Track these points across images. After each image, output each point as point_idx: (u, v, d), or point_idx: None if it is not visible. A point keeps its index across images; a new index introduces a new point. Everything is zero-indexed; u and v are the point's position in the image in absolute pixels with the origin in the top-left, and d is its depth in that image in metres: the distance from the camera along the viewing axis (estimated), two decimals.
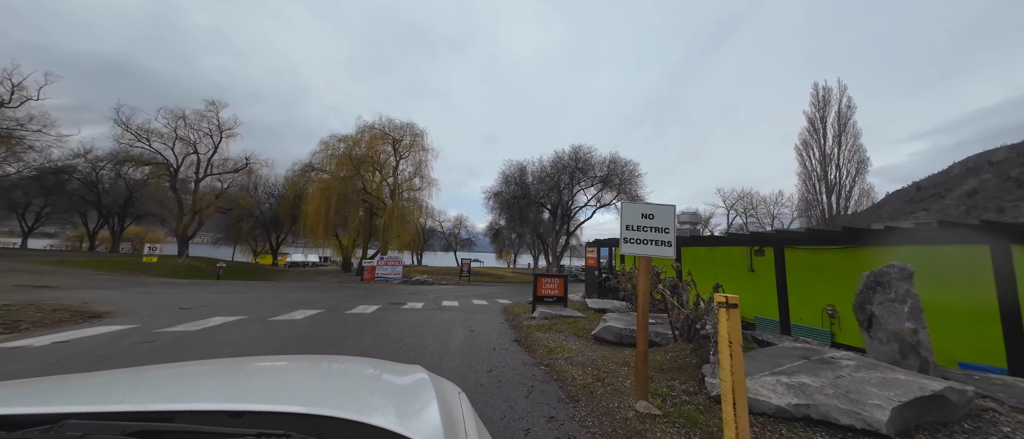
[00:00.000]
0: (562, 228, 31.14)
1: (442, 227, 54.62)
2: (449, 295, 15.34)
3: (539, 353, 5.63)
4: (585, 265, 20.06)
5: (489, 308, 11.31)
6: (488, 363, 5.07)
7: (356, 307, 10.26)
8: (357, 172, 25.21)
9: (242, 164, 32.85)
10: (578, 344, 6.15)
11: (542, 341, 6.36)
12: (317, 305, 10.40)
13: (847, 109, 32.84)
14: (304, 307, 9.92)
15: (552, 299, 9.93)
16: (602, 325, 6.34)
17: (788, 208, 42.33)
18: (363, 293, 14.76)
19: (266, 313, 8.68)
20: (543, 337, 6.73)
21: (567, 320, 8.40)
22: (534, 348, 5.94)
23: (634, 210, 3.98)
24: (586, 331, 7.23)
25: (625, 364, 4.89)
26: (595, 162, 28.81)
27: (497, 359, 5.29)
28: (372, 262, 22.39)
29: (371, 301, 11.90)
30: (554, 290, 9.99)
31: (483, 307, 11.51)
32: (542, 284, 9.92)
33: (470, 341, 6.42)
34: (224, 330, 6.67)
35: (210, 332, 6.45)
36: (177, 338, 5.94)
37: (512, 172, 31.04)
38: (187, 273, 22.20)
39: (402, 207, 27.97)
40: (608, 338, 6.13)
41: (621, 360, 5.08)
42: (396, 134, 27.32)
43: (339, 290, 15.84)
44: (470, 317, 9.32)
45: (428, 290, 17.98)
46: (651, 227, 3.88)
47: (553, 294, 9.95)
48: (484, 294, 16.61)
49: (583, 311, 10.09)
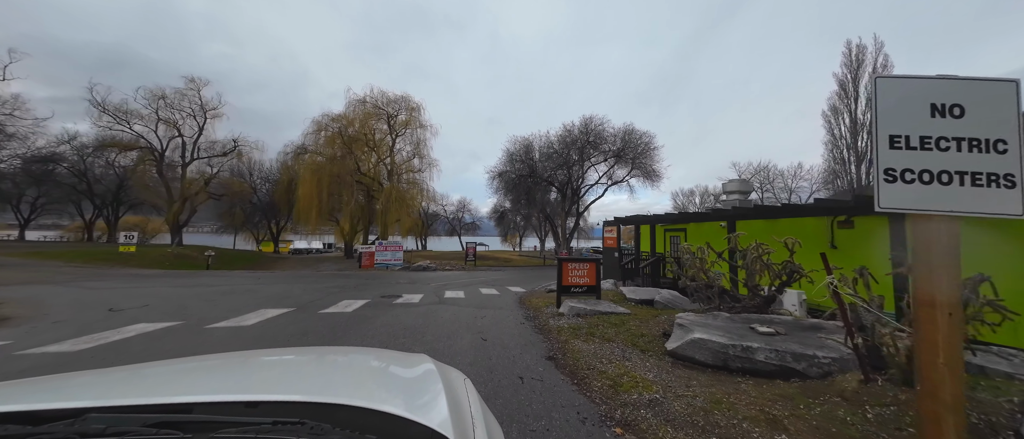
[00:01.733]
0: (572, 208, 28.74)
1: (445, 211, 52.44)
2: (453, 283, 13.19)
3: (597, 388, 3.38)
4: (602, 246, 17.80)
5: (501, 300, 9.12)
6: (518, 414, 2.84)
7: (337, 303, 8.09)
8: (350, 151, 22.73)
9: (230, 147, 30.42)
10: (649, 366, 3.90)
11: (591, 360, 4.12)
12: (289, 302, 8.24)
13: (883, 69, 29.50)
14: (271, 305, 7.76)
15: (581, 289, 7.67)
16: (687, 337, 4.03)
17: (808, 181, 39.61)
18: (356, 283, 12.63)
19: (214, 316, 6.51)
20: (588, 350, 4.49)
21: (609, 319, 6.15)
22: (585, 376, 3.70)
23: (912, 89, 1.58)
24: (645, 339, 4.98)
25: (772, 423, 2.61)
26: (607, 135, 26.08)
27: (532, 404, 3.06)
28: (370, 247, 20.29)
29: (360, 294, 9.74)
30: (584, 278, 7.72)
31: (494, 299, 9.31)
32: (569, 271, 7.64)
33: (483, 361, 4.20)
34: (119, 348, 4.50)
35: (95, 353, 4.29)
36: (38, 364, 3.76)
37: (517, 150, 28.40)
38: (173, 263, 20.24)
39: (401, 189, 25.63)
40: (700, 358, 3.85)
41: (757, 410, 2.79)
42: (390, 109, 24.63)
43: (329, 279, 13.74)
44: (480, 315, 7.10)
45: (430, 277, 15.84)
46: (960, 138, 1.49)
47: (583, 282, 7.69)
48: (492, 281, 14.46)
49: (623, 303, 7.83)
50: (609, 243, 16.76)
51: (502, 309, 7.76)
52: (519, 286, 12.78)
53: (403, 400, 0.99)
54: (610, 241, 16.69)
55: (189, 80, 27.99)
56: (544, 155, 27.23)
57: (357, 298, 8.88)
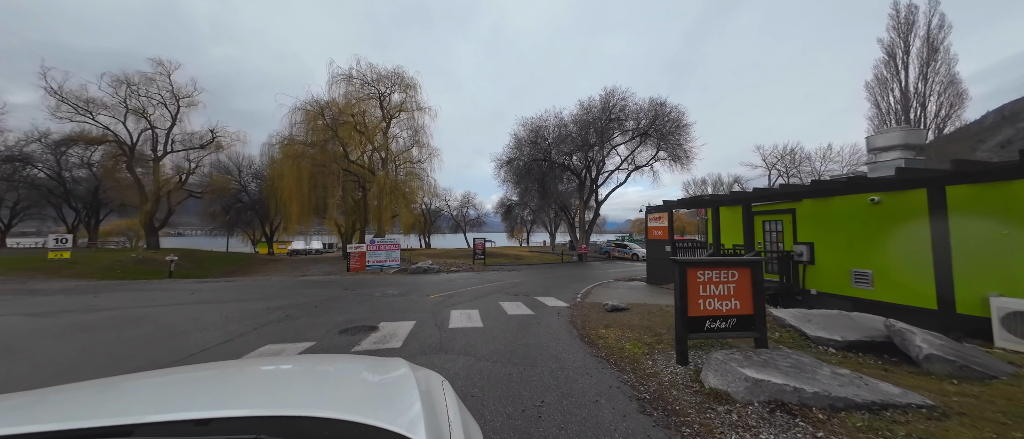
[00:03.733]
0: (590, 197, 24.70)
1: (449, 206, 48.50)
2: (462, 293, 9.28)
3: None
4: (646, 239, 13.81)
5: (546, 333, 5.14)
6: None
7: (245, 353, 4.19)
8: (334, 136, 18.72)
9: (208, 138, 26.48)
10: None
11: None
12: (155, 350, 4.32)
13: (938, 31, 25.15)
14: (125, 352, 3.87)
15: (725, 323, 3.70)
16: None
17: (838, 163, 35.35)
18: (325, 297, 8.74)
19: None
20: None
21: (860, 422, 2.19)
22: None
23: None
24: None
25: None
26: (631, 111, 21.93)
27: None
28: (360, 247, 16.43)
29: (309, 324, 5.81)
30: (730, 301, 3.73)
31: (532, 330, 5.34)
32: (699, 284, 3.64)
33: None
34: None
35: None
36: None
37: (527, 134, 24.33)
38: (126, 272, 16.44)
39: (397, 180, 21.67)
40: None
41: None
42: (381, 86, 20.51)
43: (294, 292, 9.85)
44: (528, 400, 3.13)
45: (430, 284, 11.92)
46: None
47: (729, 311, 3.71)
48: (512, 286, 10.55)
49: (845, 362, 3.84)
50: (657, 234, 12.78)
51: (566, 369, 3.78)
52: (552, 295, 8.87)
53: (374, 407, 0.94)
54: (658, 232, 12.71)
55: (157, 63, 23.98)
56: (558, 138, 23.14)
57: (295, 338, 4.95)
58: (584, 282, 12.38)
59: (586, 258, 23.81)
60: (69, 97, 23.27)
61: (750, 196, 8.06)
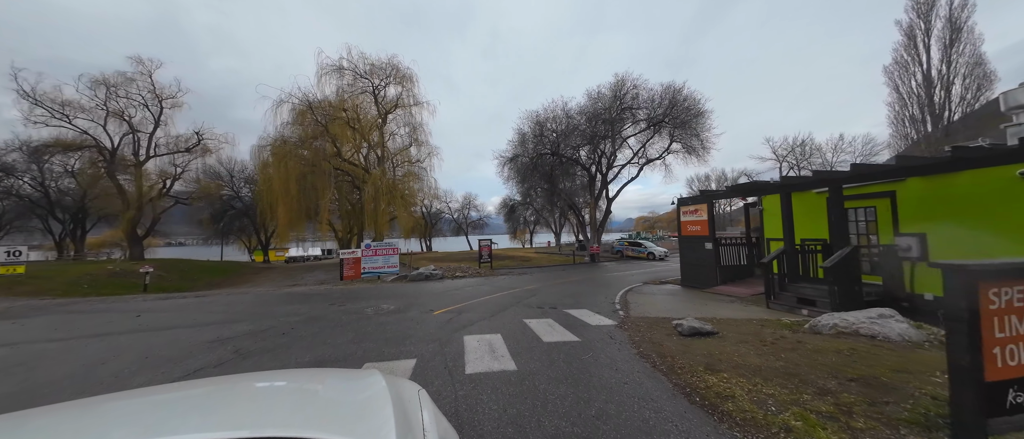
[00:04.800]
0: (601, 193, 22.85)
1: (450, 208, 46.59)
2: (472, 306, 7.36)
3: None
4: (679, 235, 11.92)
5: (616, 380, 3.18)
6: None
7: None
8: (325, 132, 16.79)
9: (193, 141, 24.53)
10: None
11: None
12: None
13: (962, 10, 23.45)
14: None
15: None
16: None
17: (850, 154, 33.62)
18: (301, 319, 6.82)
19: None
20: None
21: None
22: None
23: None
24: None
25: None
26: (644, 100, 20.11)
27: None
28: (354, 252, 14.49)
29: (252, 368, 3.92)
30: None
31: (589, 371, 3.39)
32: (995, 321, 1.77)
33: None
34: None
35: None
36: None
37: (532, 129, 22.49)
38: (95, 287, 14.49)
39: (395, 179, 19.79)
40: None
41: None
42: (375, 79, 18.60)
43: (266, 311, 7.92)
44: None
45: (433, 295, 10.02)
46: None
47: None
48: (529, 296, 8.64)
49: None
50: (692, 229, 10.91)
51: None
52: (584, 306, 6.98)
53: (345, 423, 0.91)
54: (694, 227, 10.83)
55: (136, 61, 22.06)
56: (566, 130, 21.29)
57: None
58: (610, 287, 10.50)
59: (598, 258, 21.93)
60: (43, 100, 21.35)
61: (841, 176, 6.17)
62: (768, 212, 8.61)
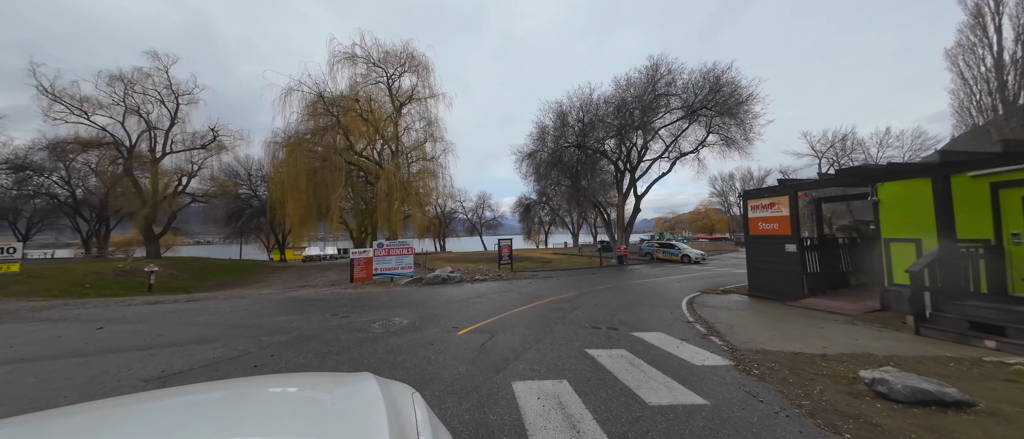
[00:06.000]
0: (630, 189, 20.78)
1: (464, 208, 45.15)
2: (505, 323, 5.59)
3: None
4: (747, 235, 9.87)
5: None
6: None
7: None
8: (337, 123, 15.44)
9: (209, 138, 23.79)
10: None
11: None
12: None
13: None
14: None
15: None
16: None
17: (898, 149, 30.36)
18: (291, 338, 5.22)
19: None
20: None
21: None
22: None
23: None
24: None
25: None
26: (679, 87, 17.99)
27: None
28: (365, 252, 13.01)
29: None
30: None
31: None
32: None
33: None
34: None
35: None
36: None
37: (554, 122, 20.66)
38: (99, 287, 13.50)
39: (409, 176, 18.32)
40: None
41: None
42: (389, 67, 17.19)
43: (253, 324, 6.39)
44: None
45: (454, 303, 8.32)
46: None
47: None
48: (568, 308, 6.82)
49: None
50: (764, 228, 8.84)
51: None
52: (651, 327, 5.11)
53: (335, 430, 0.87)
54: (768, 225, 8.76)
55: (152, 56, 21.42)
56: (591, 122, 19.36)
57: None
58: (662, 297, 8.58)
59: (626, 261, 19.89)
60: (62, 96, 20.91)
61: None
62: (887, 205, 6.54)
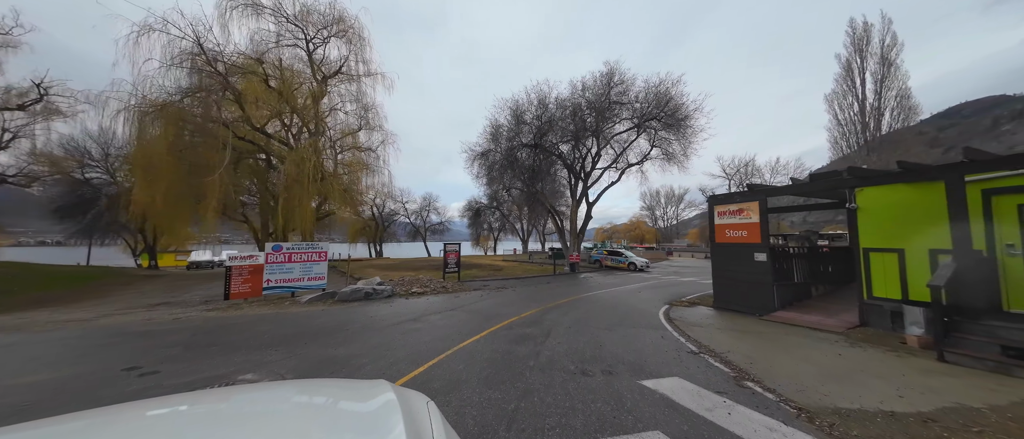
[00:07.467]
0: (582, 196, 19.99)
1: (406, 210, 40.77)
2: (451, 376, 3.38)
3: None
4: (712, 241, 9.09)
5: None
6: None
7: None
8: (224, 83, 11.34)
9: (34, 96, 16.69)
10: None
11: None
12: None
13: (891, 49, 25.41)
14: None
15: None
16: None
17: (784, 175, 35.80)
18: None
19: None
20: None
21: None
22: None
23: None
24: None
25: None
26: (629, 99, 17.79)
27: None
28: (252, 256, 9.38)
29: None
30: None
31: None
32: None
33: None
34: None
35: None
36: None
37: (508, 121, 18.99)
38: None
39: (331, 167, 14.80)
40: None
41: None
42: (311, 28, 13.54)
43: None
44: None
45: (367, 335, 5.73)
46: None
47: None
48: (541, 334, 4.89)
49: None
50: (732, 235, 8.06)
51: None
52: (675, 372, 3.35)
53: (355, 437, 0.86)
54: (736, 233, 7.99)
55: None
56: (549, 119, 18.10)
57: None
58: (638, 313, 7.18)
59: (578, 268, 18.90)
60: None
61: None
62: (866, 212, 6.00)
